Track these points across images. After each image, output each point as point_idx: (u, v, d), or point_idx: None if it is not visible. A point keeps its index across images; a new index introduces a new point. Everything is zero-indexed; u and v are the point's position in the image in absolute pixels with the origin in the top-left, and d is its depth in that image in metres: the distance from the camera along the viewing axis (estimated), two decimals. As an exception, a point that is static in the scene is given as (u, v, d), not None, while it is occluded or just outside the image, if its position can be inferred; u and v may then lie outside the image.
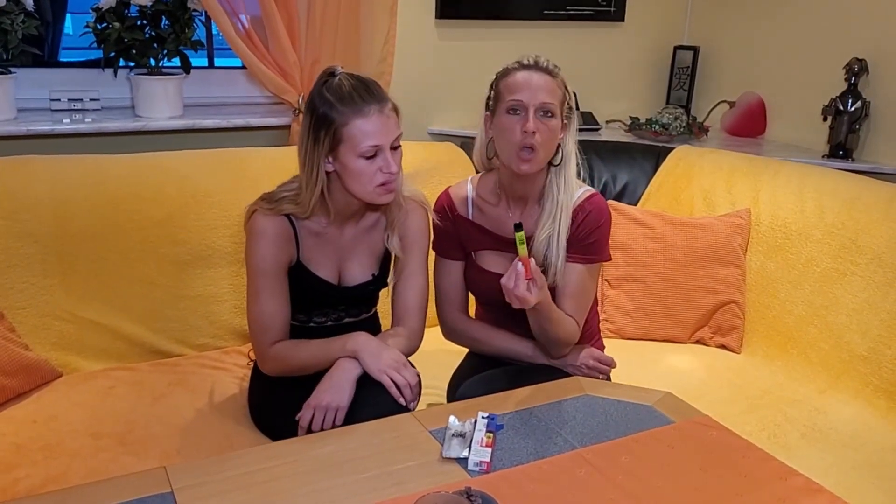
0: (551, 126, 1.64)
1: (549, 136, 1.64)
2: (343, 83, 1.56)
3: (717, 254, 2.29)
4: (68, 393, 1.87)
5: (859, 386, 1.99)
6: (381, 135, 1.54)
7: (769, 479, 1.31)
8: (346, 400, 1.55)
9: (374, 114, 1.54)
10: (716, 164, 2.50)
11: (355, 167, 1.56)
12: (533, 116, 1.62)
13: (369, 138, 1.54)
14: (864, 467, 1.72)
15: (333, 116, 1.54)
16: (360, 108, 1.53)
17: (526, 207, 1.76)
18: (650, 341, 2.33)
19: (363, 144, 1.54)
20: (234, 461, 1.31)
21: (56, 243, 1.96)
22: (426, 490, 1.21)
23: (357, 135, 1.53)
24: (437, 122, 2.84)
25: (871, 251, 2.07)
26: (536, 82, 1.64)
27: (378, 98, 1.56)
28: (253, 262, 1.63)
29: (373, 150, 1.54)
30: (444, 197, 1.83)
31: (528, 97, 1.63)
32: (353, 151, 1.54)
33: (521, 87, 1.64)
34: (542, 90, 1.63)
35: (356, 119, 1.53)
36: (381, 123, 1.54)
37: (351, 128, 1.53)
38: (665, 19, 3.22)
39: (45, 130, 2.22)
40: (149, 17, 2.32)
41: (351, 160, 1.55)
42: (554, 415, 1.49)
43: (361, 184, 1.57)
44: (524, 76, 1.65)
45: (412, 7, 2.69)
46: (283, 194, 1.64)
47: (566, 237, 1.70)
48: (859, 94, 2.60)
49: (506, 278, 1.52)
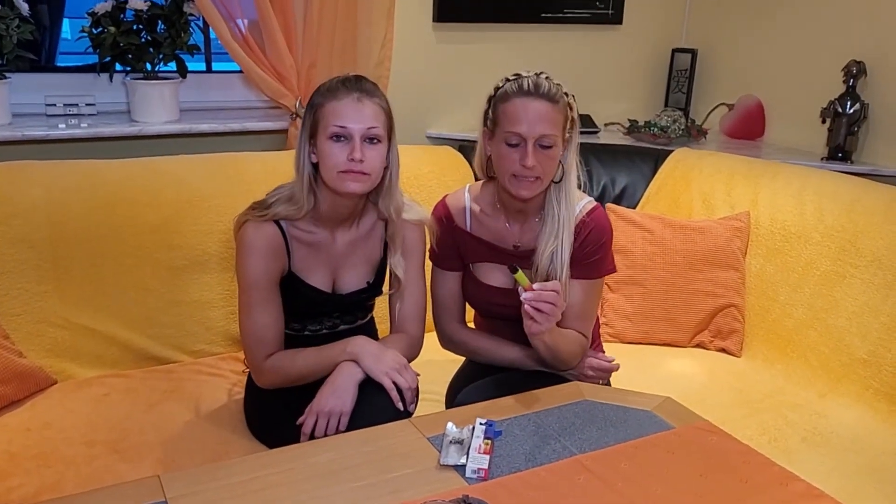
0: (551, 155, 1.61)
1: (549, 165, 1.62)
2: (337, 77, 1.60)
3: (717, 257, 2.28)
4: (63, 400, 1.85)
5: (860, 389, 1.98)
6: (349, 118, 1.55)
7: (770, 485, 1.30)
8: (350, 405, 1.54)
9: (347, 97, 1.56)
10: (715, 167, 2.49)
11: (324, 149, 1.57)
12: (532, 150, 1.57)
13: (337, 118, 1.55)
14: (865, 471, 1.71)
15: (314, 101, 1.59)
16: (337, 93, 1.57)
17: (526, 222, 1.74)
18: (650, 345, 2.32)
19: (332, 125, 1.55)
20: (228, 469, 1.30)
21: (51, 249, 1.95)
22: (424, 498, 1.21)
23: (328, 115, 1.56)
24: (435, 125, 2.83)
25: (871, 254, 2.06)
26: (535, 113, 1.57)
27: (360, 88, 1.58)
28: (244, 274, 1.62)
29: (339, 131, 1.55)
30: (442, 207, 1.80)
31: (526, 130, 1.57)
32: (324, 133, 1.56)
33: (520, 119, 1.57)
34: (542, 121, 1.57)
35: (331, 101, 1.56)
36: (352, 107, 1.56)
37: (325, 109, 1.56)
38: (663, 22, 3.22)
39: (40, 135, 2.21)
40: (145, 22, 2.31)
41: (322, 142, 1.57)
42: (552, 421, 1.48)
43: (327, 168, 1.57)
44: (522, 105, 1.58)
45: (409, 10, 2.68)
46: (275, 197, 1.64)
47: (569, 252, 1.68)
48: (858, 97, 2.59)
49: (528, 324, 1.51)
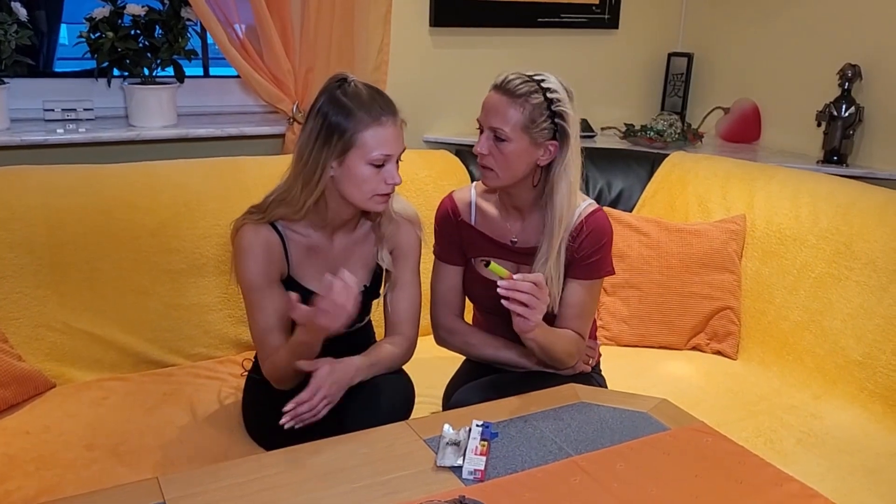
0: (503, 149, 1.63)
1: (501, 160, 1.64)
2: (361, 90, 1.56)
3: (713, 260, 2.29)
4: (61, 404, 1.86)
5: (855, 391, 1.99)
6: (393, 145, 1.56)
7: (765, 486, 1.31)
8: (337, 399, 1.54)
9: (390, 124, 1.55)
10: (711, 171, 2.50)
11: (360, 173, 1.55)
12: (485, 138, 1.64)
13: (383, 147, 1.54)
14: (860, 472, 1.72)
15: (349, 122, 1.53)
16: (378, 117, 1.54)
17: (525, 218, 1.76)
18: (646, 348, 2.32)
19: (375, 152, 1.54)
20: (227, 471, 1.31)
21: (49, 253, 1.96)
22: (421, 499, 1.21)
23: (370, 142, 1.53)
24: (432, 130, 2.84)
25: (866, 256, 2.07)
26: (491, 104, 1.64)
27: (393, 110, 1.57)
28: (243, 278, 1.62)
29: (383, 160, 1.55)
30: (448, 201, 1.83)
31: (482, 118, 1.66)
32: (362, 158, 1.54)
33: (483, 108, 1.66)
34: (495, 114, 1.63)
35: (373, 126, 1.53)
36: (395, 134, 1.56)
37: (366, 134, 1.53)
38: (659, 26, 3.23)
39: (38, 140, 2.21)
40: (142, 27, 2.32)
41: (358, 166, 1.55)
42: (549, 422, 1.48)
43: (362, 191, 1.57)
44: (488, 97, 1.66)
45: (406, 15, 2.69)
46: (271, 199, 1.63)
47: (565, 251, 1.69)
48: (853, 100, 2.60)
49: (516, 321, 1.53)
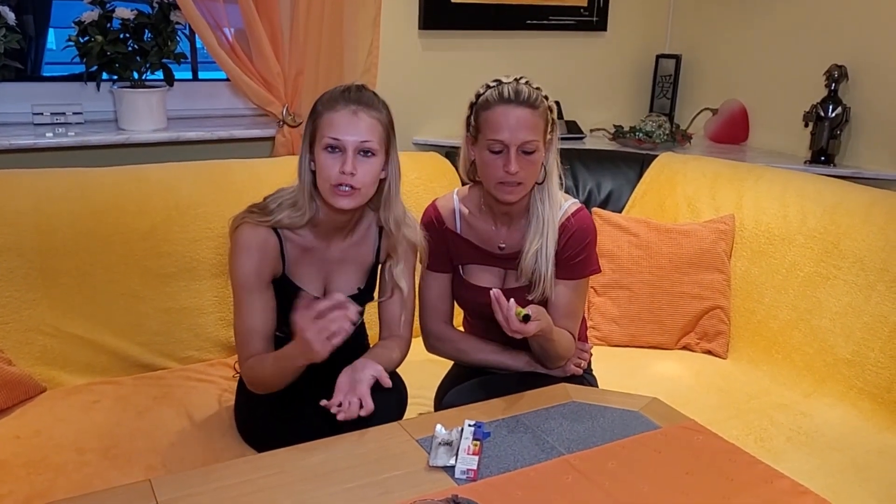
0: (534, 160, 1.63)
1: (531, 170, 1.64)
2: (340, 86, 1.59)
3: (702, 260, 2.30)
4: (52, 408, 1.85)
5: (844, 389, 2.01)
6: (343, 130, 1.54)
7: (755, 483, 1.32)
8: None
9: (344, 109, 1.55)
10: (699, 171, 2.52)
11: (319, 159, 1.57)
12: (515, 157, 1.60)
13: (332, 130, 1.54)
14: (849, 469, 1.73)
15: (315, 109, 1.58)
16: (335, 104, 1.56)
17: (512, 224, 1.76)
18: (637, 348, 2.33)
19: (326, 135, 1.55)
20: (219, 473, 1.31)
21: (39, 257, 1.95)
22: (414, 498, 1.22)
23: (324, 125, 1.55)
24: (421, 132, 2.85)
25: (853, 255, 2.09)
26: (516, 120, 1.59)
27: (359, 101, 1.56)
28: (235, 275, 1.62)
29: (333, 143, 1.54)
30: (432, 210, 1.82)
31: (508, 137, 1.59)
32: (320, 143, 1.56)
33: (501, 127, 1.60)
34: (523, 128, 1.59)
35: (328, 112, 1.56)
36: (347, 119, 1.55)
37: (322, 119, 1.56)
38: (647, 28, 3.25)
39: (27, 144, 2.21)
40: (131, 31, 2.31)
41: (318, 152, 1.57)
42: (541, 422, 1.49)
43: (322, 179, 1.57)
44: (504, 112, 1.60)
45: (395, 18, 2.69)
46: (277, 202, 1.63)
47: (554, 251, 1.70)
48: (839, 101, 2.62)
49: (500, 318, 1.52)
